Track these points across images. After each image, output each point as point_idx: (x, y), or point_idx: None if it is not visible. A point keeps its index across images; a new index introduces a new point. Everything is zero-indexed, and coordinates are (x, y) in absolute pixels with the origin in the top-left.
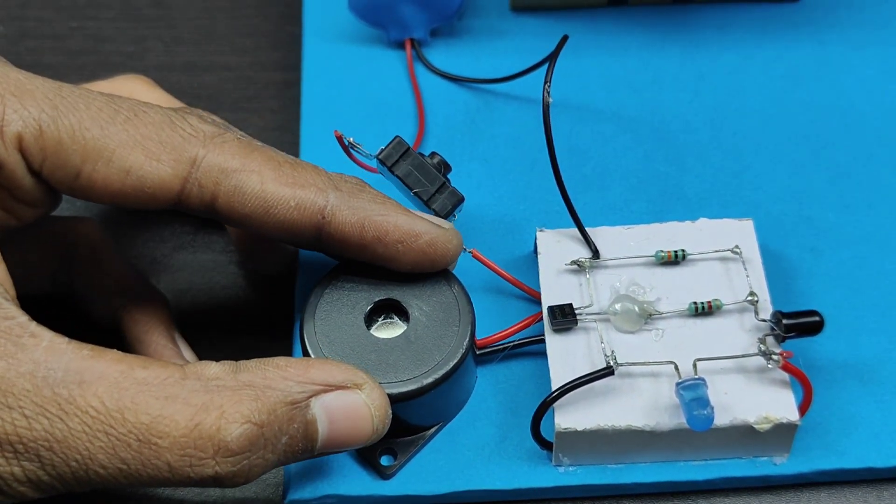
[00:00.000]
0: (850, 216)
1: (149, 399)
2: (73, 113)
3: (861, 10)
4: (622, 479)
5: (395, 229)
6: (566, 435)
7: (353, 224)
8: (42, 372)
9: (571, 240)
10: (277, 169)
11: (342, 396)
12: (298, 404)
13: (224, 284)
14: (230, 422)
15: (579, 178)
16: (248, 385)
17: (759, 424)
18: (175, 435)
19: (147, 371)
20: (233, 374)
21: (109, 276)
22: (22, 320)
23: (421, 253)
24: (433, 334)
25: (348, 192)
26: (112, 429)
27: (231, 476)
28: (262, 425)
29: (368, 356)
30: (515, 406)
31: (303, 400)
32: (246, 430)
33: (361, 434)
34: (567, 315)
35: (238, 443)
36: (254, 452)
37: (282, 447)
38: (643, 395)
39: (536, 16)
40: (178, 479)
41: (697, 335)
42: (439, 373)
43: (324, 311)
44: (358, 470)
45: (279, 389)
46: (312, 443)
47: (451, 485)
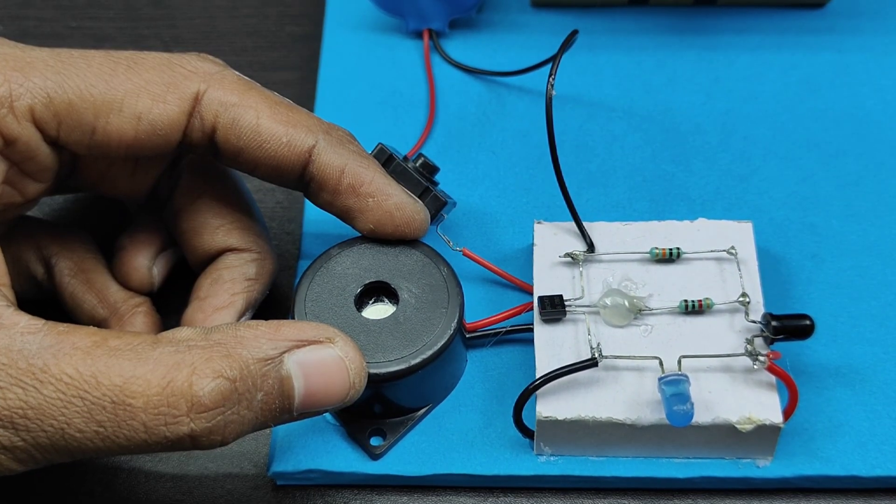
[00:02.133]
0: (855, 225)
1: (121, 362)
2: (76, 74)
3: (885, 19)
4: (602, 472)
5: (371, 182)
6: (547, 423)
7: (335, 168)
8: (17, 346)
9: (568, 233)
10: (273, 107)
11: (315, 351)
12: (271, 360)
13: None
14: (202, 377)
15: (585, 174)
16: (219, 343)
17: (742, 425)
18: (148, 394)
19: (120, 339)
20: (204, 335)
21: (92, 292)
22: (1, 304)
23: (387, 214)
24: (422, 316)
25: (337, 139)
26: (87, 393)
27: (207, 433)
28: (234, 380)
29: (358, 337)
30: (502, 394)
31: (275, 356)
32: (218, 385)
33: (338, 389)
34: (557, 306)
35: (211, 397)
36: (228, 408)
37: (258, 404)
38: (626, 388)
39: (556, 12)
40: (156, 441)
41: (686, 333)
42: (427, 353)
43: (315, 292)
44: (343, 448)
45: (251, 346)
46: (289, 399)
47: (432, 467)
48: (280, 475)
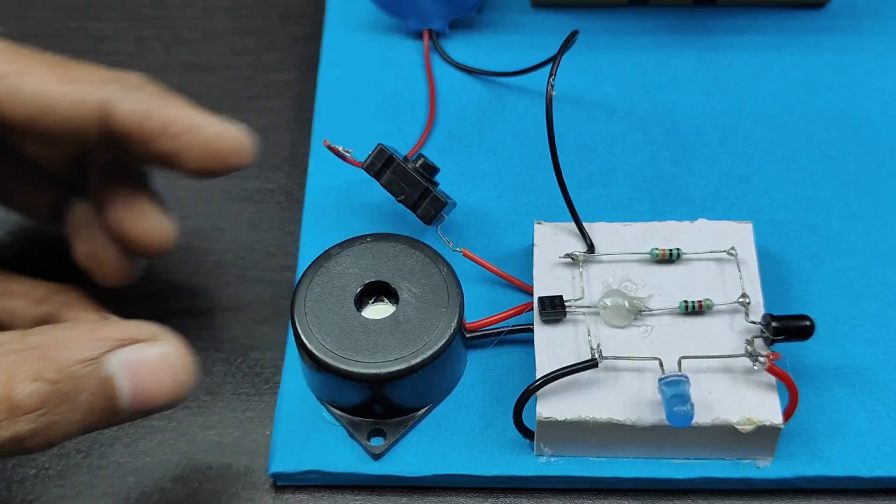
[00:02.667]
0: (855, 225)
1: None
2: None
3: (885, 20)
4: (603, 473)
5: (177, 120)
6: (547, 424)
7: (135, 115)
8: None
9: (568, 234)
10: (52, 68)
11: (139, 350)
12: (92, 360)
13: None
14: (19, 381)
15: (584, 175)
16: (36, 347)
17: (742, 425)
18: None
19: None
20: (20, 338)
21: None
22: None
23: (207, 148)
24: (422, 316)
25: (131, 85)
26: None
27: (31, 435)
28: (54, 382)
29: (358, 337)
30: (502, 394)
31: (97, 356)
32: (37, 388)
33: (167, 387)
34: (557, 306)
35: (30, 400)
36: (50, 409)
37: (83, 405)
38: (626, 389)
39: (557, 12)
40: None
41: (686, 334)
42: (427, 353)
43: (314, 293)
44: (343, 448)
45: (70, 347)
46: (115, 400)
47: (432, 468)
48: (280, 476)
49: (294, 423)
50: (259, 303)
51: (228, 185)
